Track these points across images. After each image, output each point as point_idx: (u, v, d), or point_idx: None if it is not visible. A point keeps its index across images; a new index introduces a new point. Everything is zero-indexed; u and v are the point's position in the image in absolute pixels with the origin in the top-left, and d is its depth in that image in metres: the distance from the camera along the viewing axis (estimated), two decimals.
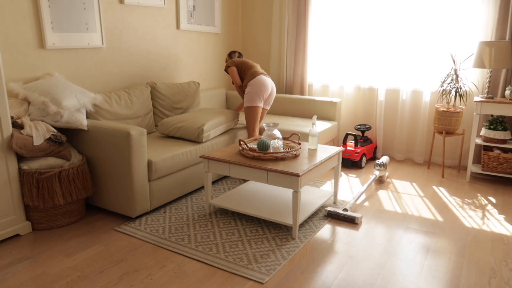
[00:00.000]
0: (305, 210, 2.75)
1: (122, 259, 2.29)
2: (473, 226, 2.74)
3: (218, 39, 4.68)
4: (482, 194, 3.34)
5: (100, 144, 2.73)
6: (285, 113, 4.46)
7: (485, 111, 3.48)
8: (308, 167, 2.49)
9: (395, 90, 4.22)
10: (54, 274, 2.13)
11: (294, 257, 2.31)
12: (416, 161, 4.24)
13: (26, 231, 2.59)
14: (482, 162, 3.58)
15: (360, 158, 3.95)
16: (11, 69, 2.78)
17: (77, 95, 2.79)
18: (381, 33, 4.14)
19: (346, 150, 3.96)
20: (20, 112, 2.64)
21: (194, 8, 4.23)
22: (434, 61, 3.96)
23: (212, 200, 2.88)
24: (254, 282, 2.07)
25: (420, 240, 2.53)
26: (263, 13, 4.82)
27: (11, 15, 2.72)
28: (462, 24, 3.75)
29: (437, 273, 2.17)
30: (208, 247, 2.41)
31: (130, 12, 3.54)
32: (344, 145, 4.04)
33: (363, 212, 2.95)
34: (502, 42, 3.33)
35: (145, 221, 2.75)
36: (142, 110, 3.39)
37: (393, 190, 3.40)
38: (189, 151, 3.04)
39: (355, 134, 3.96)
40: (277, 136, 2.83)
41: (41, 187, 2.51)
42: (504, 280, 2.10)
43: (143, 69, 3.77)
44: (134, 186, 2.66)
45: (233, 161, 2.61)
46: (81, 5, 3.11)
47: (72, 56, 3.14)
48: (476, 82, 3.80)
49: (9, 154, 2.44)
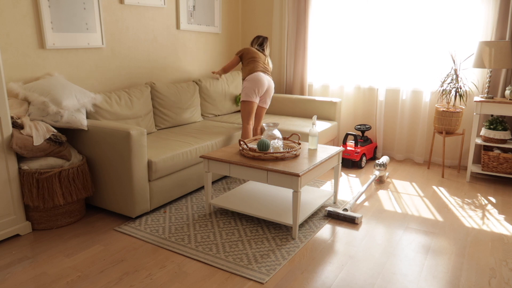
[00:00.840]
0: (305, 210, 2.75)
1: (122, 259, 2.29)
2: (473, 226, 2.74)
3: (218, 39, 4.68)
4: (482, 194, 3.34)
5: (100, 144, 2.73)
6: (285, 113, 4.46)
7: (485, 111, 3.48)
8: (308, 167, 2.49)
9: (395, 90, 4.23)
10: (54, 274, 2.13)
11: (294, 257, 2.31)
12: (416, 161, 4.24)
13: (26, 231, 2.59)
14: (482, 162, 3.58)
15: (360, 158, 3.95)
16: (11, 69, 2.78)
17: (77, 95, 2.79)
18: (381, 33, 4.14)
19: (346, 150, 3.96)
20: (20, 112, 2.64)
21: (194, 8, 4.23)
22: (434, 61, 3.96)
23: (212, 200, 2.88)
24: (254, 282, 2.07)
25: (420, 240, 2.53)
26: (263, 13, 4.82)
27: (11, 15, 2.72)
28: (462, 24, 3.75)
29: (437, 273, 2.17)
30: (208, 247, 2.41)
31: (130, 12, 3.55)
32: (344, 145, 4.04)
33: (363, 212, 2.95)
34: (502, 42, 3.33)
35: (145, 221, 2.75)
36: (142, 110, 3.39)
37: (393, 190, 3.40)
38: (189, 151, 3.04)
39: (355, 134, 3.96)
40: (277, 136, 2.83)
41: (41, 187, 2.51)
42: (504, 280, 2.10)
43: (143, 69, 3.77)
44: (134, 186, 2.66)
45: (233, 161, 2.61)
46: (81, 5, 3.11)
47: (72, 56, 3.14)
48: (476, 82, 3.80)
49: (9, 154, 2.44)
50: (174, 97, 3.73)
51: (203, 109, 4.18)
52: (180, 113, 3.80)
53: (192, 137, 3.33)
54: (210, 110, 4.25)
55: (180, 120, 3.80)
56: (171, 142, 3.15)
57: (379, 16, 4.11)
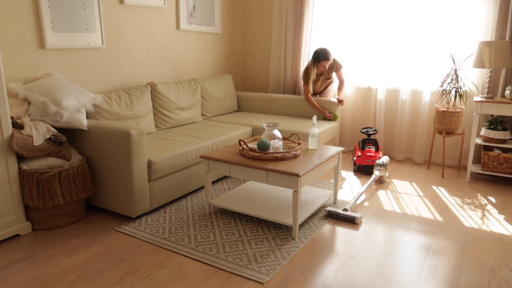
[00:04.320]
0: (305, 210, 2.75)
1: (122, 259, 2.29)
2: (473, 226, 2.74)
3: (218, 39, 4.68)
4: (482, 194, 3.34)
5: (100, 144, 2.73)
6: (285, 113, 4.46)
7: (485, 111, 3.48)
8: (308, 167, 2.49)
9: (395, 90, 4.23)
10: (54, 274, 2.13)
11: (294, 257, 2.31)
12: (416, 161, 4.24)
13: (26, 231, 2.59)
14: (482, 162, 3.58)
15: None
16: (11, 69, 2.78)
17: (77, 95, 2.79)
18: (380, 33, 4.14)
19: (366, 156, 3.73)
20: (20, 112, 2.64)
21: (194, 8, 4.23)
22: (434, 61, 3.96)
23: (212, 200, 2.88)
24: (254, 282, 2.07)
25: (420, 240, 2.53)
26: (263, 13, 4.82)
27: (11, 15, 2.72)
28: (462, 24, 3.75)
29: (437, 273, 2.17)
30: (208, 247, 2.41)
31: (130, 12, 3.54)
32: (363, 151, 3.78)
33: (363, 212, 2.95)
34: (502, 42, 3.33)
35: (145, 221, 2.75)
36: (142, 110, 3.39)
37: (393, 190, 3.40)
38: (189, 151, 3.04)
39: (374, 139, 3.79)
40: (277, 136, 2.83)
41: (41, 187, 2.51)
42: (504, 280, 2.11)
43: (143, 69, 3.77)
44: (134, 186, 2.66)
45: (233, 161, 2.61)
46: (81, 5, 3.11)
47: (72, 56, 3.14)
48: (476, 82, 3.80)
49: (9, 154, 2.44)
50: (174, 97, 3.73)
51: (203, 109, 4.18)
52: (180, 114, 3.80)
53: (192, 137, 3.33)
54: (210, 110, 4.25)
55: (180, 120, 3.80)
56: (171, 142, 3.15)
57: (379, 16, 4.11)
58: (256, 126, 3.90)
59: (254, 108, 4.63)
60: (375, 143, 3.86)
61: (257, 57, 4.98)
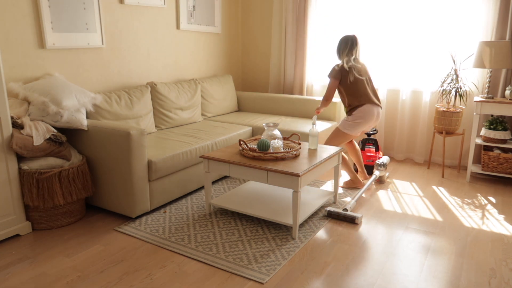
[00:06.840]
0: (305, 210, 2.75)
1: (122, 259, 2.29)
2: (473, 226, 2.74)
3: (218, 39, 4.68)
4: (482, 194, 3.34)
5: (100, 144, 2.73)
6: (285, 113, 4.46)
7: (485, 111, 3.48)
8: (308, 167, 2.49)
9: (395, 90, 4.22)
10: (54, 274, 2.13)
11: (294, 257, 2.31)
12: (416, 161, 4.24)
13: (26, 231, 2.59)
14: (482, 162, 3.58)
15: None
16: (11, 69, 2.78)
17: (77, 95, 2.79)
18: (380, 33, 4.14)
19: (367, 156, 3.74)
20: (20, 112, 2.64)
21: (194, 8, 4.23)
22: (434, 61, 3.96)
23: (212, 200, 2.88)
24: (254, 282, 2.07)
25: (420, 240, 2.53)
26: (263, 13, 4.82)
27: (11, 15, 2.72)
28: (462, 24, 3.75)
29: (437, 273, 2.17)
30: (208, 247, 2.41)
31: (130, 12, 3.54)
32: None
33: (363, 212, 2.95)
34: (502, 42, 3.33)
35: (145, 221, 2.75)
36: (142, 110, 3.39)
37: (393, 190, 3.40)
38: (189, 151, 3.04)
39: (374, 139, 3.79)
40: (277, 136, 2.83)
41: (41, 187, 2.51)
42: (504, 280, 2.10)
43: (143, 69, 3.77)
44: (134, 186, 2.66)
45: (233, 161, 2.61)
46: (81, 5, 3.11)
47: (72, 56, 3.14)
48: (476, 82, 3.80)
49: (9, 154, 2.44)
50: (174, 97, 3.73)
51: (203, 109, 4.18)
52: (180, 114, 3.80)
53: (192, 137, 3.33)
54: (210, 110, 4.25)
55: (180, 120, 3.80)
56: (171, 142, 3.15)
57: (379, 16, 4.11)
58: (256, 126, 3.90)
59: (254, 108, 4.63)
60: (375, 143, 3.85)
61: (257, 57, 4.98)
